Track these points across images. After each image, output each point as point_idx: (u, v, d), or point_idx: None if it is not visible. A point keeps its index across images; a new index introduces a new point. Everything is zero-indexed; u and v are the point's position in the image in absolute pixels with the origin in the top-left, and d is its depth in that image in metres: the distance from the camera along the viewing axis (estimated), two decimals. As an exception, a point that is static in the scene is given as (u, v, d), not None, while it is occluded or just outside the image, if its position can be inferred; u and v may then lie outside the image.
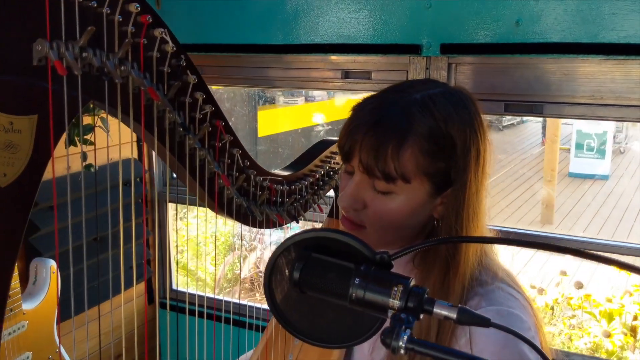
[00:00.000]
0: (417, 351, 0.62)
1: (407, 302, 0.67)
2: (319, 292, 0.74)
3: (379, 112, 0.89)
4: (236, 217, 1.04)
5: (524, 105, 1.34)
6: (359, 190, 0.92)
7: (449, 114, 0.90)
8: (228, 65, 1.66)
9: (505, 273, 1.00)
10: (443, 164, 0.90)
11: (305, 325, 0.77)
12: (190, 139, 0.92)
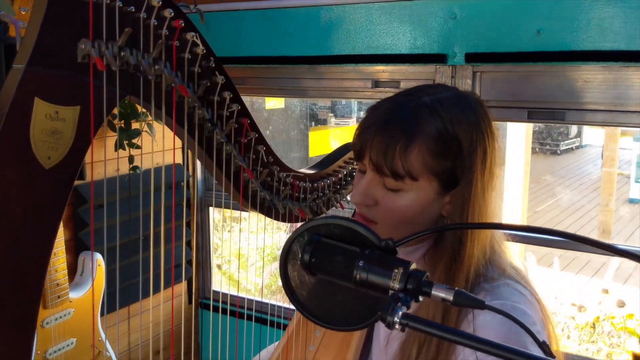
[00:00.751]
0: (411, 326, 0.68)
1: (406, 283, 0.73)
2: (327, 274, 0.81)
3: (389, 114, 0.96)
4: (260, 209, 1.12)
5: (547, 112, 1.37)
6: (370, 187, 0.99)
7: (456, 115, 0.95)
8: (266, 76, 1.75)
9: (514, 270, 1.03)
10: (450, 163, 0.95)
11: (317, 308, 0.83)
12: (217, 134, 1.00)
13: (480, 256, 0.99)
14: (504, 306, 0.93)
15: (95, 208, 1.62)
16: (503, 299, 0.95)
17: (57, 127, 0.83)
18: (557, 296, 2.89)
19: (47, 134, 0.83)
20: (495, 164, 1.00)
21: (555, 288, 3.03)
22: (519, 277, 1.02)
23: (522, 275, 1.04)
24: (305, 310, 0.82)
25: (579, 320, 2.46)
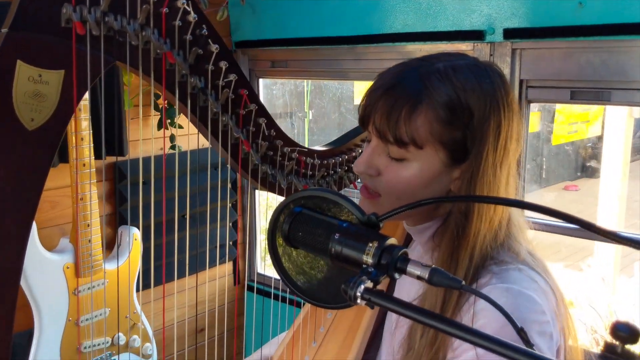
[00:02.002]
0: (373, 301, 0.64)
1: (380, 258, 0.69)
2: (306, 246, 0.78)
3: (397, 77, 0.90)
4: (261, 183, 1.10)
5: (591, 92, 1.25)
6: (374, 156, 0.94)
7: (469, 83, 0.89)
8: (307, 59, 1.73)
9: (530, 257, 0.95)
10: (459, 133, 0.89)
11: (303, 282, 0.81)
12: (212, 103, 0.99)
13: (489, 235, 0.91)
14: (509, 290, 0.87)
15: (135, 185, 1.67)
16: (510, 283, 0.87)
17: (41, 90, 0.85)
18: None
19: (30, 96, 0.85)
20: (511, 139, 0.93)
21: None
22: (535, 264, 0.94)
23: (540, 263, 0.96)
24: (292, 284, 0.80)
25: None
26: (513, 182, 0.97)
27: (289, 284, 0.81)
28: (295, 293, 0.79)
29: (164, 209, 1.13)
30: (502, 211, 0.94)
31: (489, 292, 0.87)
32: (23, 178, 0.86)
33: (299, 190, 1.13)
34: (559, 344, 0.92)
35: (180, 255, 1.79)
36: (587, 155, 5.19)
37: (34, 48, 0.84)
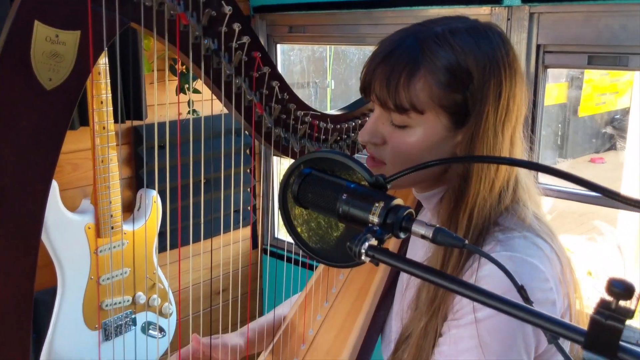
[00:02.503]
0: (377, 258, 0.66)
1: (385, 218, 0.71)
2: (315, 207, 0.80)
3: (396, 44, 0.91)
4: (274, 146, 1.11)
5: (609, 57, 1.23)
6: (378, 125, 0.95)
7: (468, 46, 0.89)
8: (325, 23, 1.73)
9: (537, 222, 0.95)
10: (460, 96, 0.89)
11: (312, 241, 0.83)
12: (225, 66, 1.01)
13: (490, 198, 0.92)
14: (513, 258, 0.87)
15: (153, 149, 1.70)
16: (514, 251, 0.88)
17: (58, 50, 0.87)
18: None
19: (48, 56, 0.87)
20: (513, 99, 0.92)
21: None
22: (542, 230, 0.94)
23: (547, 229, 0.96)
24: (302, 243, 0.83)
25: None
26: (519, 144, 0.97)
27: (300, 243, 0.83)
28: (306, 252, 0.82)
29: (177, 174, 1.15)
30: (505, 173, 0.94)
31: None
32: (42, 134, 0.89)
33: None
34: (563, 310, 0.93)
35: (197, 219, 1.83)
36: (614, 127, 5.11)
37: (50, 8, 0.86)
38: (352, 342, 1.15)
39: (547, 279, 0.87)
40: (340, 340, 1.17)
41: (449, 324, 0.91)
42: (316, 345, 1.21)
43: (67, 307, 1.46)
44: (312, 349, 1.21)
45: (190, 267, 1.91)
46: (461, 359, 0.87)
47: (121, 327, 1.57)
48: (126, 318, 1.57)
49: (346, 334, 1.17)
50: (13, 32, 0.84)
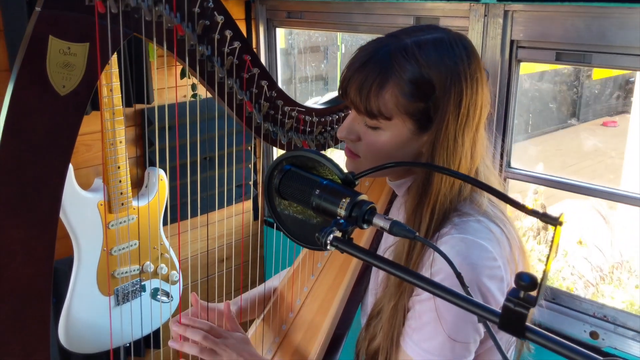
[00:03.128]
0: (340, 248, 0.79)
1: (351, 212, 0.84)
2: (293, 199, 0.93)
3: (370, 55, 1.03)
4: (264, 139, 1.24)
5: (574, 54, 1.33)
6: (354, 124, 1.08)
7: (432, 60, 1.00)
8: (321, 11, 1.83)
9: (493, 209, 1.08)
10: (423, 104, 1.01)
11: (292, 226, 0.96)
12: (218, 69, 1.13)
13: (450, 194, 1.05)
14: (464, 240, 1.00)
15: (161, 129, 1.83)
16: (467, 233, 1.01)
17: (70, 61, 1.00)
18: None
19: (61, 67, 0.99)
20: (474, 107, 1.04)
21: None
22: (496, 216, 1.07)
23: (501, 215, 1.09)
24: (283, 227, 0.95)
25: None
26: (481, 142, 1.09)
27: (282, 227, 0.96)
28: (287, 235, 0.95)
29: (176, 153, 1.26)
30: (466, 169, 1.06)
31: (447, 241, 1.01)
32: (58, 133, 1.01)
33: (297, 145, 1.27)
34: (511, 286, 1.07)
35: (203, 193, 1.97)
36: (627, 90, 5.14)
37: (63, 24, 0.98)
38: (332, 313, 1.29)
39: (495, 258, 1.00)
40: (323, 311, 1.32)
41: (413, 299, 1.05)
42: (302, 314, 1.36)
43: (82, 275, 1.61)
44: (299, 317, 1.36)
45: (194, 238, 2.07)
46: (425, 330, 1.01)
47: (132, 293, 1.72)
48: (136, 285, 1.73)
49: (327, 305, 1.31)
50: (31, 46, 0.96)
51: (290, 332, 1.36)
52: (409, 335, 1.02)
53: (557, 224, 0.69)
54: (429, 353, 0.98)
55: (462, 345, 0.98)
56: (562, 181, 1.47)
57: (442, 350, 0.98)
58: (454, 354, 0.98)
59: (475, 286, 0.98)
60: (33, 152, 1.00)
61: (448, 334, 0.97)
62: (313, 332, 1.31)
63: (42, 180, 1.03)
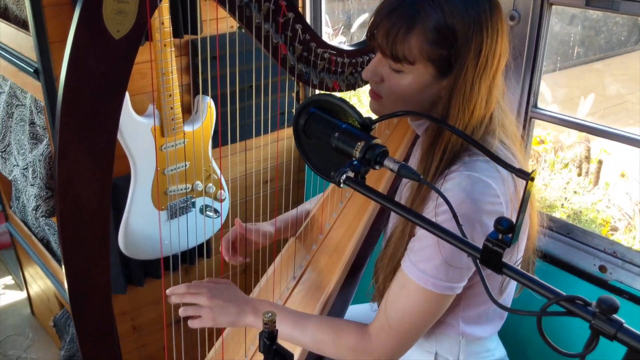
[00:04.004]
0: (352, 187, 0.91)
1: (365, 154, 0.95)
2: (316, 139, 1.06)
3: (398, 2, 1.11)
4: (298, 78, 1.35)
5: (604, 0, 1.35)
6: (378, 66, 1.17)
7: (456, 10, 1.07)
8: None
9: (504, 151, 1.17)
10: (445, 51, 1.10)
11: (316, 161, 1.08)
12: (255, 15, 1.23)
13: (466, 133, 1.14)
14: (470, 176, 1.10)
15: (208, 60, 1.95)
16: (473, 171, 1.12)
17: (123, 8, 1.12)
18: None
19: (116, 13, 1.12)
20: (493, 56, 1.12)
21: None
22: (505, 156, 1.17)
23: (511, 156, 1.18)
24: (309, 162, 1.07)
25: None
26: (495, 92, 1.17)
27: (308, 162, 1.09)
28: (310, 167, 1.08)
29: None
30: (479, 116, 1.15)
31: (455, 177, 1.11)
32: (114, 72, 1.15)
33: (329, 85, 1.38)
34: None
35: (248, 120, 2.11)
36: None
37: (116, -25, 1.09)
38: (357, 237, 1.44)
39: (497, 195, 1.11)
40: (348, 235, 1.47)
41: (417, 226, 1.18)
42: (330, 236, 1.51)
43: (138, 192, 1.80)
44: (327, 239, 1.51)
45: (240, 161, 2.23)
46: (423, 252, 1.14)
47: (183, 208, 1.92)
48: (186, 202, 1.92)
49: (353, 230, 1.46)
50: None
51: (319, 252, 1.52)
52: (408, 256, 1.15)
53: (529, 179, 0.79)
54: (424, 273, 1.11)
55: (456, 270, 1.11)
56: (586, 124, 1.53)
57: (437, 272, 1.11)
58: (447, 276, 1.11)
59: (475, 219, 1.09)
60: (92, 88, 1.14)
61: (445, 259, 1.10)
62: (339, 252, 1.47)
63: (100, 112, 1.18)
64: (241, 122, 2.10)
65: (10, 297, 3.16)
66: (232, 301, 1.25)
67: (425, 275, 1.11)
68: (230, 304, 1.24)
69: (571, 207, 2.70)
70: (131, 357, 2.17)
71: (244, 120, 2.09)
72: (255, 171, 2.24)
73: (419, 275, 1.12)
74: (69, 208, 1.14)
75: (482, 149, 0.87)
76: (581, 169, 3.15)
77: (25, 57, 1.78)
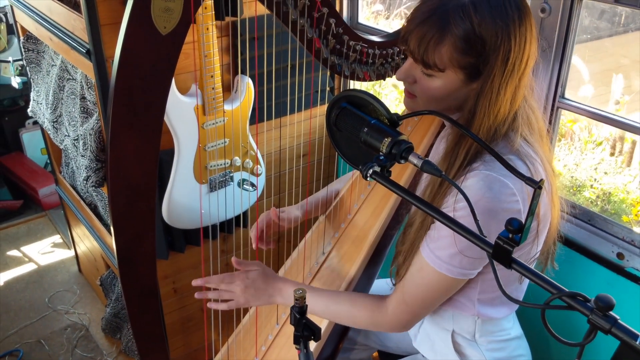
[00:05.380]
0: (378, 180, 1.00)
1: (391, 149, 1.03)
2: (347, 132, 1.14)
3: (431, 12, 1.17)
4: (330, 69, 1.43)
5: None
6: (411, 68, 1.25)
7: (485, 19, 1.13)
8: None
9: (526, 149, 1.24)
10: (474, 59, 1.16)
11: (346, 150, 1.16)
12: (292, 11, 1.31)
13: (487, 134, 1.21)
14: (489, 176, 1.18)
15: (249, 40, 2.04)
16: (492, 171, 1.19)
17: (169, 6, 1.21)
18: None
19: (163, 11, 1.21)
20: (520, 62, 1.17)
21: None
22: (526, 154, 1.23)
23: (533, 154, 1.24)
24: (340, 151, 1.15)
25: None
26: (521, 91, 1.22)
27: (338, 150, 1.17)
28: (343, 158, 1.17)
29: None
30: (503, 114, 1.22)
31: (475, 175, 1.19)
32: (161, 64, 1.24)
33: (359, 76, 1.45)
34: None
35: (285, 97, 2.20)
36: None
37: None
38: (382, 218, 1.53)
39: (514, 194, 1.17)
40: (375, 216, 1.56)
41: None
42: (358, 217, 1.61)
43: (181, 166, 1.92)
44: (355, 220, 1.61)
45: (276, 136, 2.33)
46: (441, 241, 1.23)
47: (222, 182, 2.03)
48: (225, 176, 2.03)
49: (379, 211, 1.55)
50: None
51: (347, 231, 1.62)
52: (427, 242, 1.24)
53: (537, 188, 0.86)
54: (440, 259, 1.20)
55: (469, 260, 1.19)
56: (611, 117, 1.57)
57: (451, 259, 1.20)
58: (461, 264, 1.20)
59: (492, 216, 1.17)
60: (141, 79, 1.25)
61: (459, 249, 1.18)
62: (365, 233, 1.56)
63: (149, 101, 1.29)
64: (277, 100, 2.19)
65: (58, 255, 3.37)
66: (263, 288, 1.38)
67: (440, 261, 1.20)
68: (261, 291, 1.38)
69: (601, 187, 2.73)
70: (172, 317, 2.34)
71: (279, 98, 2.17)
72: (289, 147, 2.33)
73: (435, 261, 1.21)
74: (119, 186, 1.26)
75: (496, 155, 0.93)
76: (615, 148, 3.15)
77: (77, 37, 1.89)
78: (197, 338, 2.43)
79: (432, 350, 1.49)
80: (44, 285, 3.12)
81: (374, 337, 1.75)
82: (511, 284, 1.34)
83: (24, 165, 3.84)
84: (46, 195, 3.66)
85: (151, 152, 1.32)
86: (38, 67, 2.55)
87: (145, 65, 1.24)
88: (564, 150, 3.03)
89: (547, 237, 1.33)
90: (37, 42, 2.52)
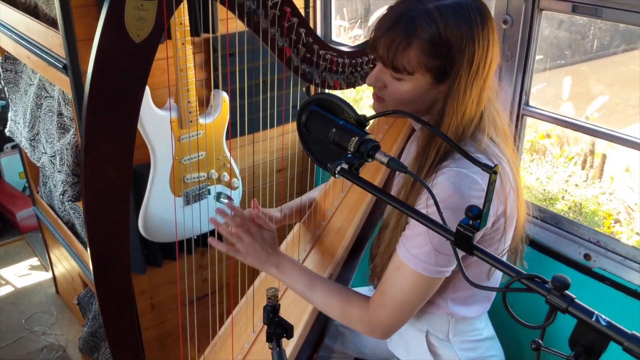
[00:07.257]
0: (346, 177, 1.03)
1: (358, 148, 1.07)
2: (316, 133, 1.17)
3: (397, 18, 1.22)
4: (302, 77, 1.47)
5: (588, 7, 1.45)
6: (380, 74, 1.29)
7: (450, 23, 1.19)
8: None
9: (493, 149, 1.28)
10: (440, 62, 1.21)
11: (316, 152, 1.19)
12: (262, 20, 1.35)
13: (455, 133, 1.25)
14: (459, 173, 1.21)
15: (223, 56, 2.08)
16: (462, 167, 1.23)
17: (142, 15, 1.25)
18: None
19: (136, 20, 1.25)
20: (484, 64, 1.22)
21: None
22: (492, 153, 1.27)
23: (499, 153, 1.29)
24: (309, 152, 1.17)
25: None
26: (486, 93, 1.27)
27: (309, 153, 1.21)
28: (312, 158, 1.19)
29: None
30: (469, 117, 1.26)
31: (445, 172, 1.23)
32: (134, 71, 1.27)
33: (330, 84, 1.50)
34: (498, 214, 1.29)
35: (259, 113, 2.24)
36: None
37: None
38: (356, 222, 1.57)
39: (482, 189, 1.21)
40: (349, 220, 1.59)
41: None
42: (332, 222, 1.64)
43: (157, 179, 1.94)
44: (329, 224, 1.64)
45: (254, 151, 2.36)
46: (416, 239, 1.26)
47: (198, 195, 2.05)
48: (202, 189, 2.05)
49: (353, 215, 1.58)
50: (112, 5, 1.22)
51: (323, 235, 1.65)
52: (403, 242, 1.27)
53: (492, 173, 0.90)
54: (416, 258, 1.24)
55: (445, 256, 1.23)
56: (577, 123, 1.63)
57: (427, 257, 1.23)
58: (436, 261, 1.23)
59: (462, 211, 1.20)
60: (115, 85, 1.27)
61: (434, 246, 1.22)
62: (340, 236, 1.59)
63: (123, 106, 1.31)
64: (250, 116, 2.23)
65: (36, 277, 3.35)
66: (266, 251, 1.40)
67: (416, 259, 1.23)
68: (263, 252, 1.40)
69: (572, 199, 2.79)
70: (149, 333, 2.33)
71: (253, 114, 2.22)
72: (263, 162, 2.36)
73: (412, 260, 1.24)
74: (93, 190, 1.27)
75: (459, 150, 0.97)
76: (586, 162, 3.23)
77: (54, 54, 1.92)
78: (176, 354, 2.42)
79: (407, 351, 1.51)
80: (20, 307, 3.09)
81: (350, 344, 1.76)
82: (480, 281, 1.37)
83: (2, 189, 3.83)
84: (24, 219, 3.64)
85: (125, 155, 1.34)
86: (16, 87, 2.57)
87: (119, 73, 1.27)
88: (536, 163, 3.10)
89: (514, 235, 1.37)
90: (15, 62, 2.54)
